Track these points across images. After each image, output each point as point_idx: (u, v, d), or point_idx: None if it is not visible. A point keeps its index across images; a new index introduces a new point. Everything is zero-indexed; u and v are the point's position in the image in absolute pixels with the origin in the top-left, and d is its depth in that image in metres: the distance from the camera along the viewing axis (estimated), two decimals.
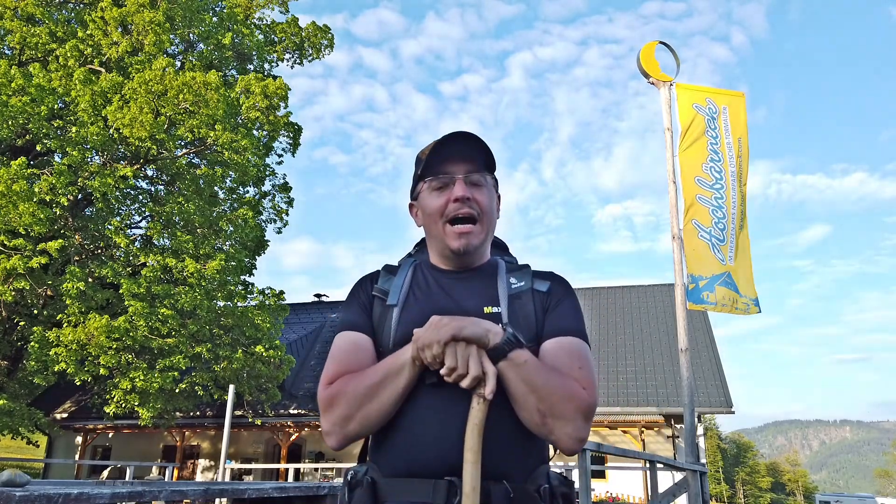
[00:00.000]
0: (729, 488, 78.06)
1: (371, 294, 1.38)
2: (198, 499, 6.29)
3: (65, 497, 2.29)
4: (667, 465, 7.73)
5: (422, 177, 1.36)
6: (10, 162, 12.80)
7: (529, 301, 1.32)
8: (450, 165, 1.33)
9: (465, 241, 1.32)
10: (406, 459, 1.21)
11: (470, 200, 1.31)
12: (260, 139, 16.23)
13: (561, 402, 1.15)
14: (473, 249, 1.33)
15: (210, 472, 20.68)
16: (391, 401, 1.19)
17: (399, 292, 1.35)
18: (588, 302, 24.23)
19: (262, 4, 18.54)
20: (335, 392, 1.22)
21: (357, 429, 1.20)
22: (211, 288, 13.91)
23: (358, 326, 1.33)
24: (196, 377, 14.79)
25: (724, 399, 17.55)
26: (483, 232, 1.34)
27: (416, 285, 1.37)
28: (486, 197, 1.34)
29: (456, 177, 1.32)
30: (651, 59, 8.90)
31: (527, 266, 1.43)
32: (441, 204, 1.32)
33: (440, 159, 1.33)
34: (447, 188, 1.33)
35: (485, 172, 1.36)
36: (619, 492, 17.70)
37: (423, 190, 1.37)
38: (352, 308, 1.38)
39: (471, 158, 1.34)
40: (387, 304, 1.34)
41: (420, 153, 1.39)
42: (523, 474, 1.22)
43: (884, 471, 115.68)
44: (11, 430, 14.93)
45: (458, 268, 1.38)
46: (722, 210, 8.12)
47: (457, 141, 1.32)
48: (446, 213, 1.32)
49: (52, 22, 15.13)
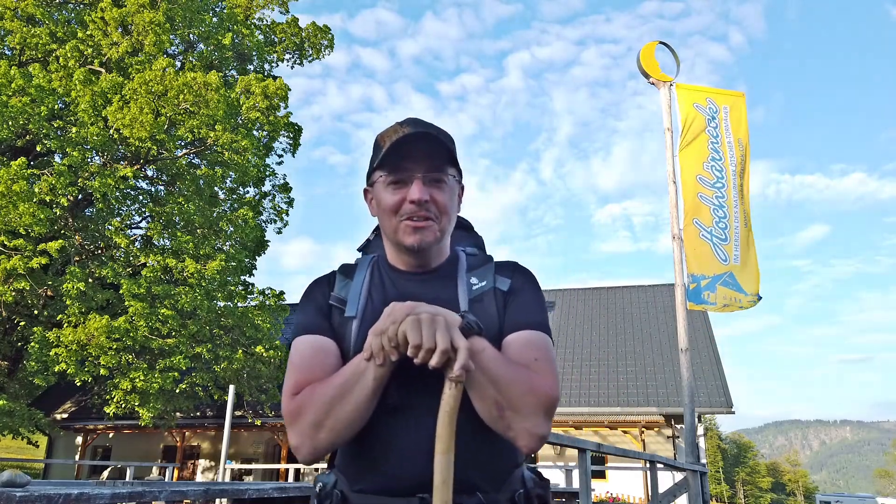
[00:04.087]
0: (729, 488, 78.08)
1: (328, 302, 1.28)
2: (198, 499, 6.29)
3: (65, 497, 2.30)
4: (667, 465, 7.73)
5: (378, 167, 1.26)
6: (10, 162, 12.80)
7: (492, 302, 1.26)
8: (408, 161, 1.23)
9: (419, 236, 1.23)
10: (375, 475, 1.17)
11: (428, 202, 1.22)
12: (260, 139, 16.24)
13: (521, 395, 1.08)
14: (428, 247, 1.25)
15: (210, 472, 20.68)
16: (362, 403, 1.09)
17: (357, 301, 1.26)
18: (588, 302, 24.23)
19: (262, 5, 18.55)
20: (301, 401, 1.13)
21: (328, 437, 1.11)
22: (211, 288, 13.91)
23: (318, 329, 1.23)
24: (196, 377, 14.79)
25: (724, 399, 17.56)
26: (440, 230, 1.26)
27: (374, 290, 1.29)
28: (445, 196, 1.25)
29: (414, 175, 1.23)
30: (651, 59, 8.92)
31: (489, 259, 1.36)
32: (397, 201, 1.23)
33: (399, 153, 1.23)
34: (404, 185, 1.24)
35: (446, 169, 1.26)
36: (619, 492, 17.70)
37: (379, 181, 1.27)
38: (308, 311, 1.28)
39: (431, 154, 1.24)
40: (345, 315, 1.25)
41: (379, 137, 1.28)
42: (496, 483, 1.18)
43: (884, 471, 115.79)
44: (11, 431, 14.93)
45: (416, 267, 1.30)
46: (724, 209, 8.12)
47: (417, 138, 1.22)
48: (401, 212, 1.23)
49: (52, 22, 15.14)
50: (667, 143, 8.57)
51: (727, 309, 7.82)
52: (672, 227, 8.28)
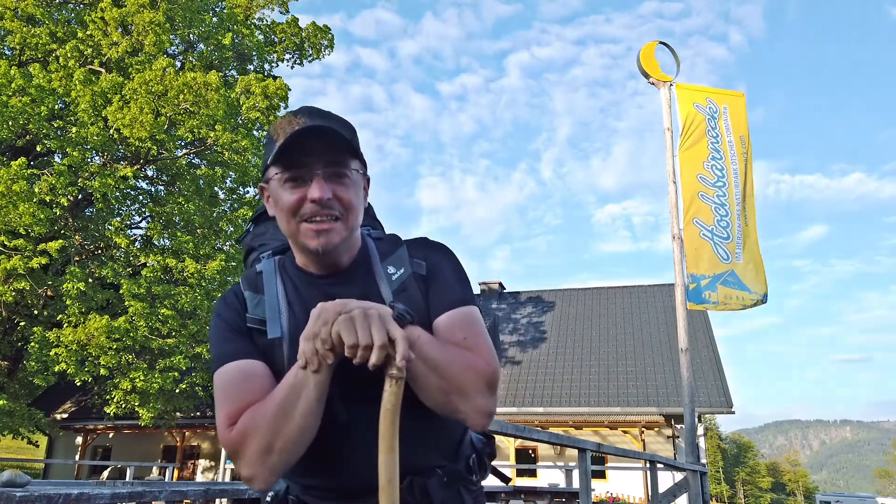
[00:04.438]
0: (729, 488, 78.06)
1: (247, 326, 1.17)
2: (198, 499, 6.29)
3: (65, 497, 2.29)
4: (667, 465, 7.73)
5: (273, 163, 1.15)
6: (10, 162, 12.80)
7: (415, 288, 1.20)
8: (306, 157, 1.12)
9: (324, 239, 1.13)
10: (326, 480, 1.14)
11: (331, 200, 1.12)
12: (260, 139, 16.24)
13: (462, 375, 1.06)
14: (334, 249, 1.15)
15: (210, 472, 20.68)
16: (309, 414, 1.02)
17: (278, 318, 1.16)
18: (588, 302, 24.23)
19: (262, 5, 18.54)
20: (243, 429, 1.05)
21: (280, 458, 1.04)
22: (211, 288, 13.91)
23: (240, 354, 1.13)
24: (196, 377, 14.79)
25: (724, 399, 17.55)
26: (346, 229, 1.16)
27: (293, 301, 1.18)
28: (349, 191, 1.15)
29: (314, 172, 1.12)
30: (651, 59, 8.92)
31: (397, 241, 1.28)
32: (295, 200, 1.13)
33: (295, 148, 1.12)
34: (303, 183, 1.13)
35: (348, 162, 1.15)
36: (619, 492, 17.70)
37: (275, 178, 1.15)
38: (223, 337, 1.17)
39: (330, 148, 1.13)
40: (269, 337, 1.15)
41: (271, 130, 1.17)
42: (451, 456, 1.18)
43: (884, 471, 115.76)
44: (11, 431, 14.93)
45: (329, 268, 1.20)
46: (725, 208, 8.12)
47: (314, 132, 1.11)
48: (302, 212, 1.13)
49: (52, 22, 15.14)
50: (667, 143, 8.57)
51: (728, 308, 7.82)
52: (672, 227, 8.28)
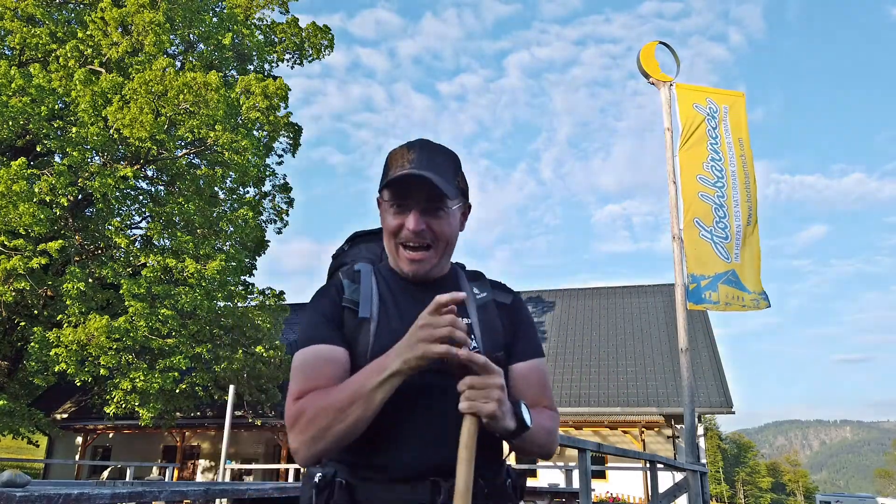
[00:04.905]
0: (729, 488, 78.07)
1: (341, 305, 1.31)
2: (198, 499, 6.29)
3: (65, 497, 2.29)
4: (667, 465, 7.73)
5: (385, 187, 1.30)
6: (11, 162, 12.80)
7: (495, 313, 1.37)
8: (408, 193, 1.28)
9: (416, 267, 1.30)
10: (384, 460, 1.19)
11: (424, 231, 1.28)
12: (260, 139, 16.24)
13: (548, 440, 1.30)
14: (425, 274, 1.32)
15: (210, 472, 20.67)
16: (360, 422, 1.13)
17: (370, 303, 1.30)
18: (588, 302, 24.22)
19: (262, 5, 18.54)
20: (303, 409, 1.16)
21: (326, 447, 1.15)
22: (211, 288, 13.91)
23: (325, 339, 1.26)
24: (196, 377, 14.78)
25: (724, 399, 17.55)
26: (437, 256, 1.32)
27: (384, 295, 1.33)
28: (443, 225, 1.30)
29: (413, 206, 1.28)
30: (651, 59, 8.90)
31: (482, 274, 1.47)
32: (396, 225, 1.29)
33: (400, 184, 1.27)
34: (405, 210, 1.29)
35: (445, 202, 1.29)
36: (619, 492, 17.69)
37: (384, 200, 1.32)
38: (314, 321, 1.29)
39: (429, 193, 1.27)
40: (359, 316, 1.28)
41: (389, 156, 1.33)
42: (493, 471, 1.28)
43: (884, 471, 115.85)
44: (11, 431, 14.93)
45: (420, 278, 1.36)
46: (724, 209, 8.11)
47: (416, 178, 1.26)
48: (400, 236, 1.30)
49: (52, 22, 15.14)
50: (667, 143, 8.56)
51: (729, 308, 7.81)
52: (672, 227, 8.27)
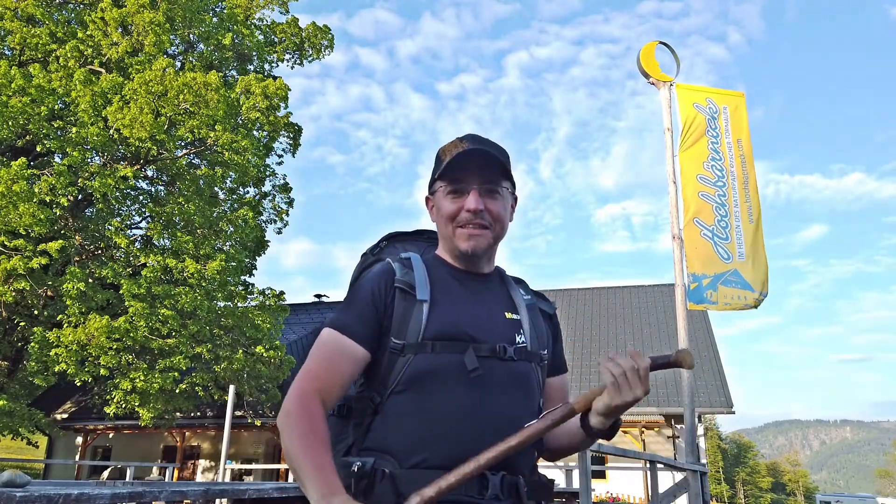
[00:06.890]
0: (729, 488, 78.03)
1: (393, 287, 1.34)
2: (198, 499, 6.29)
3: (65, 497, 2.29)
4: (667, 465, 7.73)
5: (439, 178, 1.38)
6: (11, 162, 12.79)
7: (539, 319, 1.44)
8: (466, 173, 1.35)
9: (474, 242, 1.35)
10: (430, 454, 1.20)
11: (483, 211, 1.34)
12: (260, 139, 16.23)
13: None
14: (482, 252, 1.37)
15: (210, 472, 20.67)
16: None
17: (425, 287, 1.34)
18: (588, 302, 24.22)
19: (262, 5, 18.53)
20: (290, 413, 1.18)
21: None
22: (211, 288, 13.90)
23: (351, 331, 1.29)
24: (196, 378, 14.77)
25: (725, 399, 17.56)
26: (493, 237, 1.38)
27: (433, 280, 1.37)
28: (499, 206, 1.37)
29: (471, 187, 1.35)
30: (651, 59, 8.90)
31: (524, 281, 1.53)
32: (454, 209, 1.36)
33: (458, 166, 1.35)
34: (462, 195, 1.36)
35: (500, 181, 1.38)
36: (619, 492, 17.69)
37: (439, 190, 1.39)
38: (355, 308, 1.33)
39: (487, 167, 1.36)
40: (417, 298, 1.32)
41: (441, 151, 1.41)
42: (530, 469, 1.34)
43: (884, 471, 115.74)
44: (11, 431, 14.91)
45: (471, 270, 1.42)
46: (725, 208, 8.11)
47: (474, 154, 1.34)
48: (458, 219, 1.36)
49: (52, 23, 15.13)
50: (666, 143, 8.56)
51: (730, 308, 7.80)
52: (672, 227, 8.27)
